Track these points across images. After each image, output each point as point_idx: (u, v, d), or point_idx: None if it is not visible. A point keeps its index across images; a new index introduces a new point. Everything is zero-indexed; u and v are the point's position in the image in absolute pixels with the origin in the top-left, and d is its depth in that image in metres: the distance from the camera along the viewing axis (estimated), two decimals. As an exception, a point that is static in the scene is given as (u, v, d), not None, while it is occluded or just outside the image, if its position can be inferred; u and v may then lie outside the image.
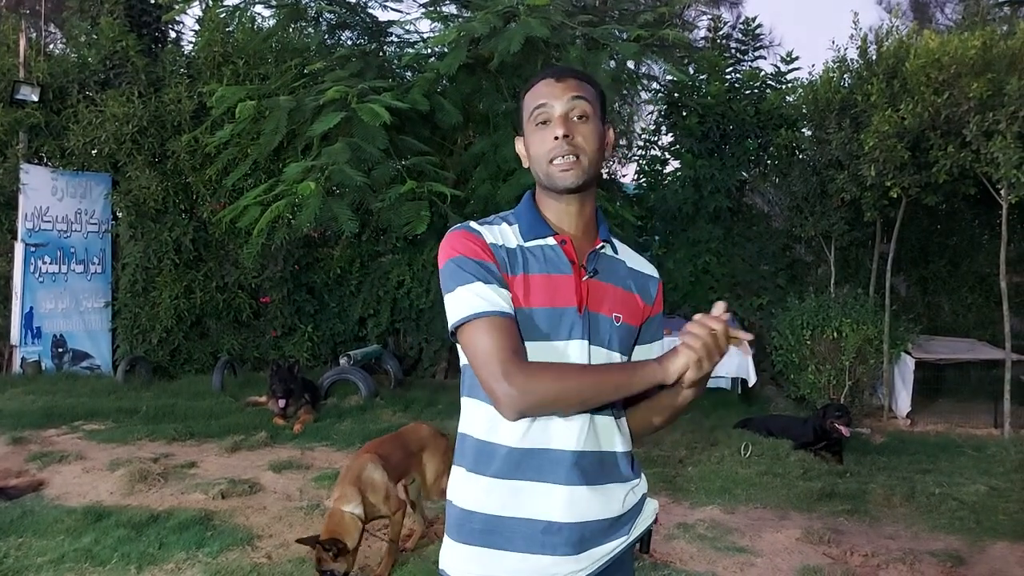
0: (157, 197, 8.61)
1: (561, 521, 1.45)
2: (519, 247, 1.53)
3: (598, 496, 1.49)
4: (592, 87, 1.56)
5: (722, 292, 9.04)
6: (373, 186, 6.31)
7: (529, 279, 1.49)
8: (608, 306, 1.54)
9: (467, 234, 1.52)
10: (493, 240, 1.52)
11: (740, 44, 10.00)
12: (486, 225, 1.56)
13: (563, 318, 1.48)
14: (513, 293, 1.47)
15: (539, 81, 1.56)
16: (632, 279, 1.62)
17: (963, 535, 4.46)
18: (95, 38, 9.06)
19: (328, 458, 5.81)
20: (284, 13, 7.47)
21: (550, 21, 6.01)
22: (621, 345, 1.55)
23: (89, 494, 4.82)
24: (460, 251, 1.49)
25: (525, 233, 1.55)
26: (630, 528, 1.56)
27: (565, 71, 1.56)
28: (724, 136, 8.92)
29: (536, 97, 1.54)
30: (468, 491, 1.51)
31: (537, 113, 1.53)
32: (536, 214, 1.58)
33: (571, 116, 1.52)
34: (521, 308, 1.47)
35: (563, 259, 1.53)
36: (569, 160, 1.50)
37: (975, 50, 6.05)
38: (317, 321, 9.22)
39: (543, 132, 1.52)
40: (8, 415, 6.49)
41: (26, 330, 8.33)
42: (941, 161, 6.28)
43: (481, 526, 1.48)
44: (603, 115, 1.59)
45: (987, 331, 8.61)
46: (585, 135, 1.52)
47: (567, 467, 1.46)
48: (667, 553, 4.09)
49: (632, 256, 1.69)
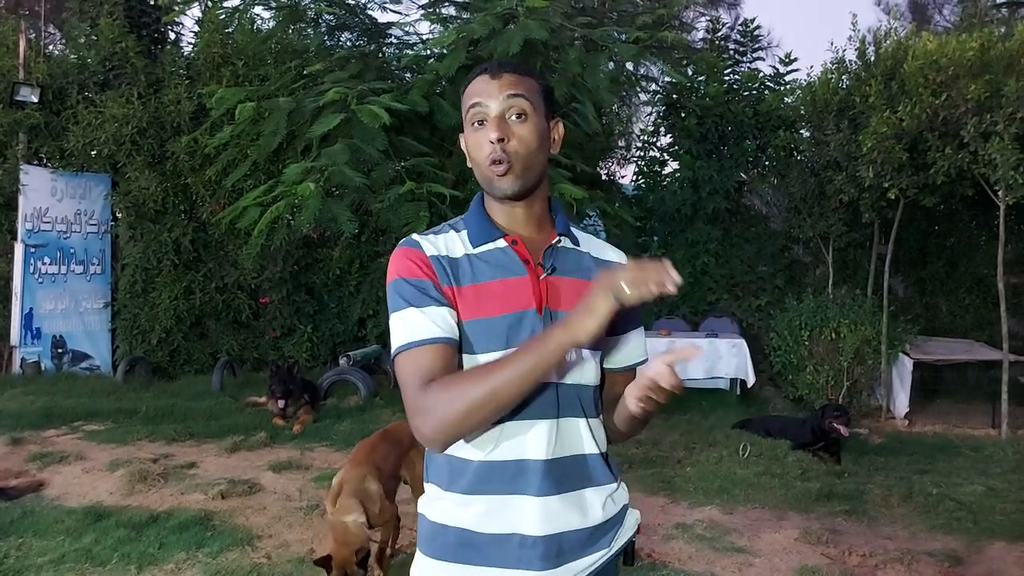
0: (157, 198, 8.63)
1: (536, 535, 1.38)
2: (467, 256, 1.45)
3: (573, 504, 1.43)
4: (533, 80, 1.46)
5: (720, 293, 9.07)
6: (372, 187, 6.32)
7: (481, 287, 1.42)
8: (571, 302, 1.39)
9: (407, 251, 1.44)
10: (435, 252, 1.44)
11: (739, 45, 10.02)
12: (431, 235, 1.49)
13: (522, 322, 1.40)
14: (463, 305, 1.40)
15: (476, 77, 1.47)
16: (598, 270, 1.49)
17: (961, 535, 4.47)
18: (95, 39, 9.07)
19: (328, 458, 5.82)
20: (283, 14, 7.46)
21: (549, 23, 6.02)
22: (590, 342, 1.38)
23: (89, 494, 4.83)
24: (398, 272, 1.43)
25: (474, 238, 1.47)
26: (611, 539, 1.49)
27: (502, 65, 1.46)
28: (722, 137, 8.94)
29: (472, 95, 1.45)
30: (440, 506, 1.45)
31: (473, 112, 1.44)
32: (484, 217, 1.50)
33: (507, 116, 1.42)
34: (477, 319, 1.40)
35: (516, 260, 1.45)
36: (505, 165, 1.41)
37: (973, 52, 6.06)
38: (316, 322, 9.24)
39: (479, 134, 1.44)
40: (8, 416, 6.50)
41: (26, 331, 8.34)
42: (939, 162, 6.30)
43: (455, 540, 1.42)
44: (549, 109, 1.49)
45: (985, 332, 8.63)
46: (522, 136, 1.42)
47: (539, 477, 1.39)
48: (665, 553, 4.10)
49: (597, 245, 1.59)
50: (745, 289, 9.07)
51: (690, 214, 9.00)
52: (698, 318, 8.93)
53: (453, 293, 1.41)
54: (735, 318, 8.76)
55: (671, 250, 9.20)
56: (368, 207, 6.90)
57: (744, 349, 7.72)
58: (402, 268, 1.42)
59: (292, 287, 9.13)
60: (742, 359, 7.72)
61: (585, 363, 1.47)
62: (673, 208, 9.04)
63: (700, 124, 8.87)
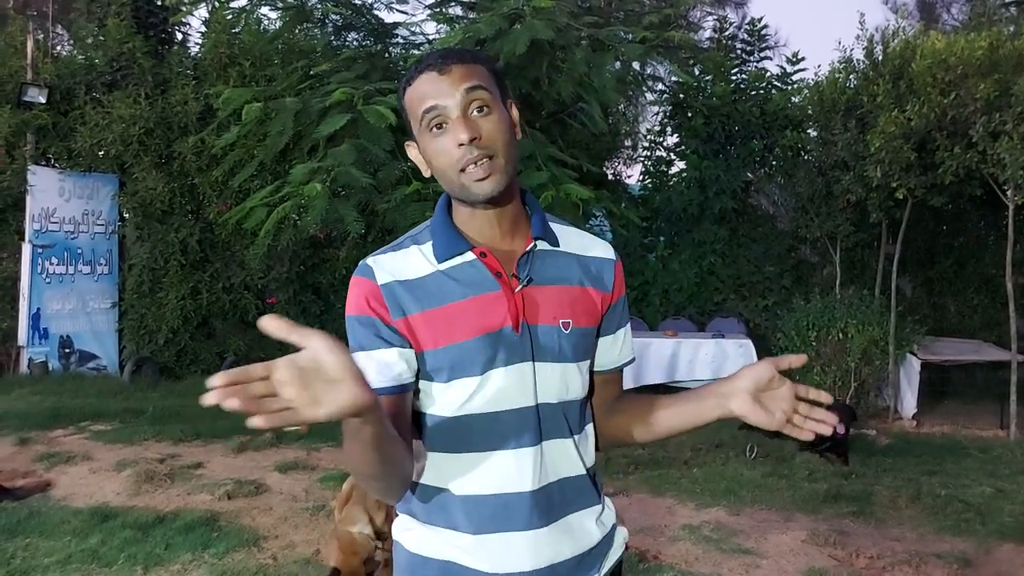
0: (164, 198, 8.65)
1: (526, 571, 1.29)
2: (432, 274, 1.30)
3: (563, 532, 1.33)
4: (481, 66, 1.30)
5: (727, 293, 9.05)
6: (379, 187, 6.32)
7: (448, 310, 1.28)
8: (552, 313, 1.32)
9: (357, 281, 1.30)
10: (388, 279, 1.29)
11: (746, 45, 9.99)
12: (389, 254, 1.33)
13: (499, 341, 1.27)
14: (428, 332, 1.27)
15: (419, 75, 1.29)
16: (583, 270, 1.39)
17: (969, 537, 4.45)
18: (102, 40, 9.10)
19: (334, 459, 5.82)
20: (290, 15, 7.47)
21: (555, 23, 6.00)
22: (576, 353, 1.35)
23: (96, 495, 4.84)
24: (349, 308, 1.31)
25: (439, 252, 1.31)
26: (601, 563, 1.40)
27: (447, 58, 1.28)
28: (729, 137, 8.92)
29: (422, 98, 1.27)
30: (418, 534, 1.35)
31: (429, 118, 1.27)
32: (450, 227, 1.33)
33: (470, 113, 1.26)
34: (448, 346, 1.26)
35: (486, 274, 1.30)
36: (484, 165, 1.25)
37: (982, 51, 6.03)
38: (323, 322, 9.23)
39: (441, 139, 1.27)
40: (15, 416, 6.53)
41: (33, 331, 8.37)
42: (947, 162, 6.26)
43: (437, 574, 1.31)
44: (503, 92, 1.33)
45: (993, 332, 8.59)
46: (491, 131, 1.26)
47: (526, 510, 1.29)
48: (672, 555, 4.09)
49: (580, 240, 1.43)
50: (752, 289, 9.05)
51: (697, 214, 8.98)
52: (705, 318, 8.91)
53: (408, 325, 1.27)
54: (742, 318, 8.74)
55: (677, 250, 9.19)
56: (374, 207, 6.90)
57: (751, 349, 7.70)
58: (352, 304, 1.30)
59: (299, 287, 9.14)
60: (749, 359, 7.67)
61: (567, 376, 1.35)
62: (679, 208, 9.02)
63: (707, 124, 8.85)
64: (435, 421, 1.32)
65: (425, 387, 1.31)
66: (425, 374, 1.30)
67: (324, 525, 4.37)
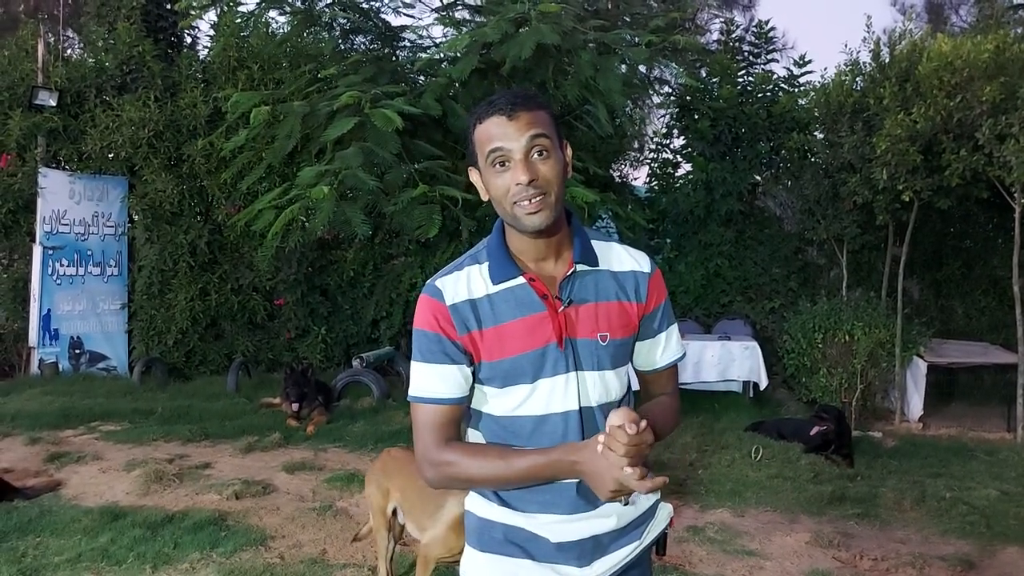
0: (173, 200, 8.70)
1: (572, 540, 1.51)
2: (487, 296, 1.51)
3: (606, 515, 1.54)
4: (543, 112, 1.48)
5: (734, 295, 9.04)
6: (386, 190, 6.36)
7: (503, 329, 1.49)
8: (590, 328, 1.52)
9: (427, 301, 1.52)
10: (455, 299, 1.50)
11: (753, 47, 9.98)
12: (453, 274, 1.54)
13: (545, 357, 1.49)
14: (487, 347, 1.49)
15: (488, 118, 1.47)
16: (618, 286, 1.57)
17: (974, 540, 4.45)
18: (112, 43, 9.16)
19: (341, 459, 5.86)
20: (298, 19, 7.53)
21: (561, 27, 6.03)
22: (614, 361, 1.55)
23: (105, 494, 4.89)
24: (417, 323, 1.53)
25: (494, 275, 1.52)
26: (643, 532, 1.59)
27: (515, 104, 1.45)
28: (736, 139, 8.92)
29: (490, 139, 1.46)
30: (484, 506, 1.58)
31: (493, 156, 1.46)
32: (504, 252, 1.54)
33: (531, 156, 1.44)
34: (502, 360, 1.49)
35: (533, 297, 1.50)
36: (536, 202, 1.44)
37: (988, 53, 6.03)
38: (330, 323, 9.29)
39: (503, 175, 1.46)
40: (26, 416, 6.58)
41: (44, 332, 8.42)
42: (953, 165, 6.26)
43: (501, 536, 1.54)
44: (559, 136, 1.51)
45: (1000, 335, 8.56)
46: (547, 171, 1.45)
47: (571, 498, 1.50)
48: (677, 556, 4.11)
49: (618, 257, 1.61)
50: (758, 291, 9.04)
51: (703, 216, 8.98)
52: (711, 320, 8.91)
53: (472, 340, 1.50)
54: (748, 320, 8.73)
55: (684, 252, 9.19)
56: (381, 210, 6.94)
57: (757, 352, 7.70)
58: (421, 320, 1.53)
59: (306, 289, 9.18)
60: (755, 361, 7.70)
61: (606, 383, 1.55)
62: (686, 210, 9.02)
63: (713, 126, 8.85)
64: (491, 419, 1.56)
65: (481, 390, 1.55)
66: (481, 380, 1.54)
67: (330, 525, 4.41)
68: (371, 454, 5.98)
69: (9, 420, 6.47)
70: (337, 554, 4.03)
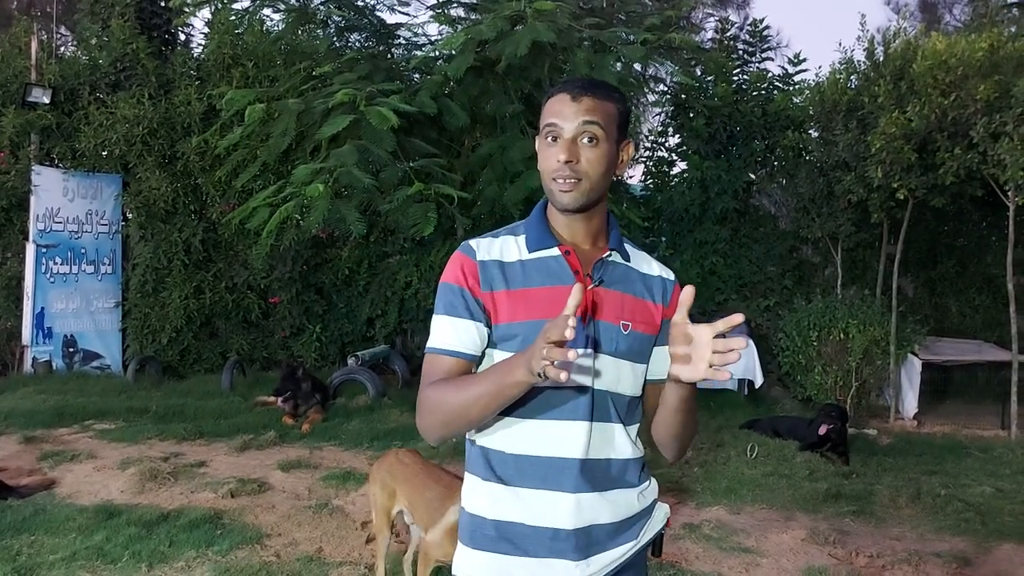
0: (167, 198, 8.68)
1: (568, 528, 1.48)
2: (520, 261, 1.54)
3: (605, 502, 1.52)
4: (611, 105, 1.52)
5: (729, 293, 9.05)
6: (381, 188, 6.35)
7: (529, 292, 1.50)
8: (615, 314, 1.53)
9: (458, 256, 1.55)
10: (486, 256, 1.53)
11: (747, 46, 9.98)
12: (488, 238, 1.58)
13: None
14: (512, 307, 1.50)
15: (558, 94, 1.52)
16: (645, 285, 1.60)
17: (969, 536, 4.47)
18: (106, 40, 9.14)
19: (336, 457, 5.85)
20: (293, 16, 7.50)
21: (557, 25, 6.03)
22: (632, 353, 1.55)
23: (100, 493, 4.87)
24: (445, 277, 1.55)
25: (531, 244, 1.55)
26: (639, 532, 1.58)
27: (585, 88, 1.51)
28: (731, 137, 8.93)
29: (550, 113, 1.51)
30: (478, 498, 1.55)
31: (548, 129, 1.51)
32: (543, 225, 1.58)
33: (580, 139, 1.49)
34: (525, 321, 1.48)
35: (566, 270, 1.52)
36: (570, 183, 1.49)
37: (982, 52, 6.05)
38: (325, 321, 9.27)
39: (551, 149, 1.51)
40: (20, 414, 6.56)
41: (37, 330, 8.40)
42: (948, 163, 6.28)
43: (493, 532, 1.52)
44: (621, 133, 1.55)
45: (994, 332, 8.60)
46: (591, 159, 1.49)
47: (574, 475, 1.49)
48: (673, 553, 4.11)
49: (646, 261, 1.66)
50: (753, 289, 9.06)
51: (698, 214, 8.99)
52: (706, 318, 8.86)
53: (493, 299, 1.50)
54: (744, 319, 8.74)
55: (679, 250, 9.20)
56: (377, 208, 6.94)
57: (752, 350, 7.71)
58: (448, 274, 1.54)
59: (301, 287, 9.17)
60: (750, 360, 7.71)
61: (620, 371, 1.53)
62: (681, 208, 9.03)
63: (708, 124, 8.86)
64: None
65: (492, 356, 1.52)
66: (493, 343, 1.52)
67: (326, 523, 4.40)
68: (367, 452, 5.98)
69: (2, 419, 6.45)
70: (333, 552, 4.03)
